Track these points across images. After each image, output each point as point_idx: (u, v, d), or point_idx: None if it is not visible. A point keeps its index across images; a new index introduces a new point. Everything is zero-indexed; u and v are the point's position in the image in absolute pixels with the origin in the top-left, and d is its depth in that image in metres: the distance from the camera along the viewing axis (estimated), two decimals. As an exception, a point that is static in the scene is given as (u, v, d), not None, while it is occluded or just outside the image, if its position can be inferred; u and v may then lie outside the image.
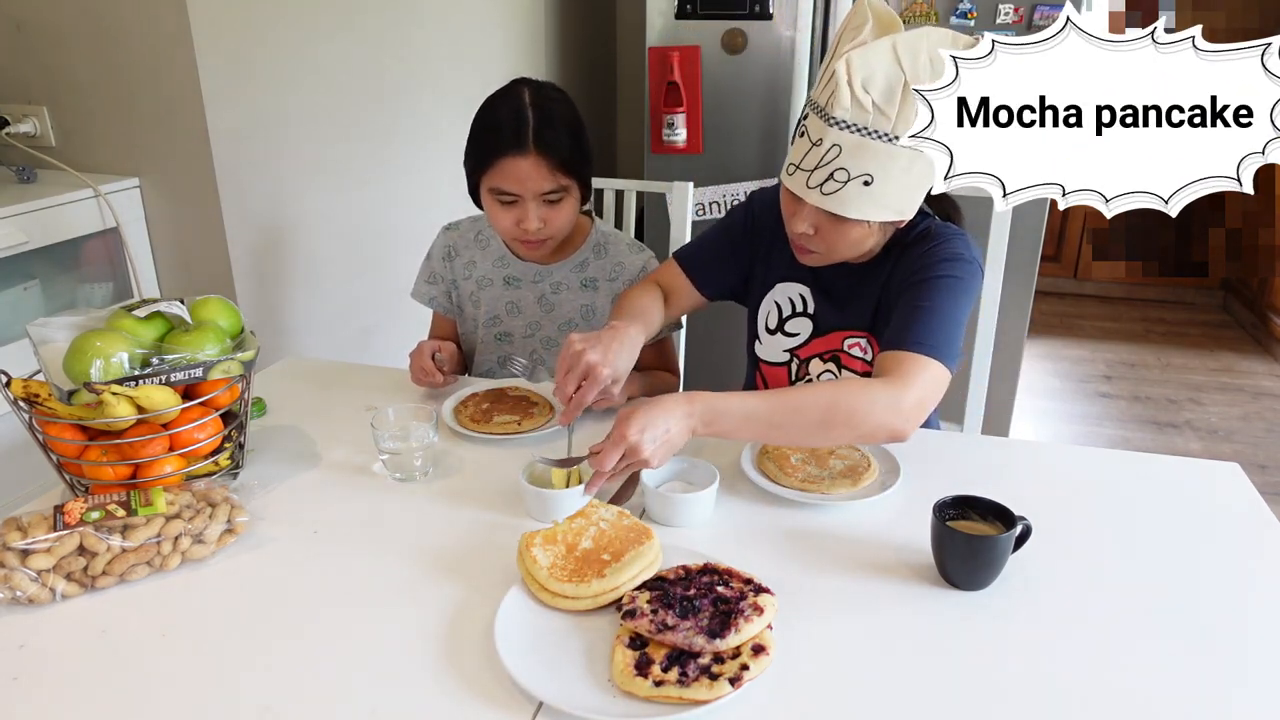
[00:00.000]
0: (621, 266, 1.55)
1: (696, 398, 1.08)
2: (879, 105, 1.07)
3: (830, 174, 1.12)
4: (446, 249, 1.61)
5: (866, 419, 1.08)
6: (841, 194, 1.12)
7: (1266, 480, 2.82)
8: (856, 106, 1.07)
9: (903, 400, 1.09)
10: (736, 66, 2.54)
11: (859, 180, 1.11)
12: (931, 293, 1.19)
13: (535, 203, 1.40)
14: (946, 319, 1.17)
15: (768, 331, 1.44)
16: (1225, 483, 1.20)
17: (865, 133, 1.08)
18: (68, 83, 1.83)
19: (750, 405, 1.09)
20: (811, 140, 1.13)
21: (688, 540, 1.04)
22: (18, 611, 0.93)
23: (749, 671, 0.80)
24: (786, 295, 1.41)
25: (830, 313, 1.38)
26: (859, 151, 1.09)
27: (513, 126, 1.36)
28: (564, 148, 1.38)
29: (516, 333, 1.59)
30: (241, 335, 1.18)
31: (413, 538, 1.06)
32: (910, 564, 1.01)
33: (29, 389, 1.08)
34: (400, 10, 2.30)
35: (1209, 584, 0.99)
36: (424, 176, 2.49)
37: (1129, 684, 0.84)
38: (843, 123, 1.08)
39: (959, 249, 1.24)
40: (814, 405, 1.09)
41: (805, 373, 1.42)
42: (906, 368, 1.12)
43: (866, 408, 1.08)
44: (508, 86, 1.43)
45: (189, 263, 1.92)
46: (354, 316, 2.28)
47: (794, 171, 1.16)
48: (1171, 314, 4.30)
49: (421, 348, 1.43)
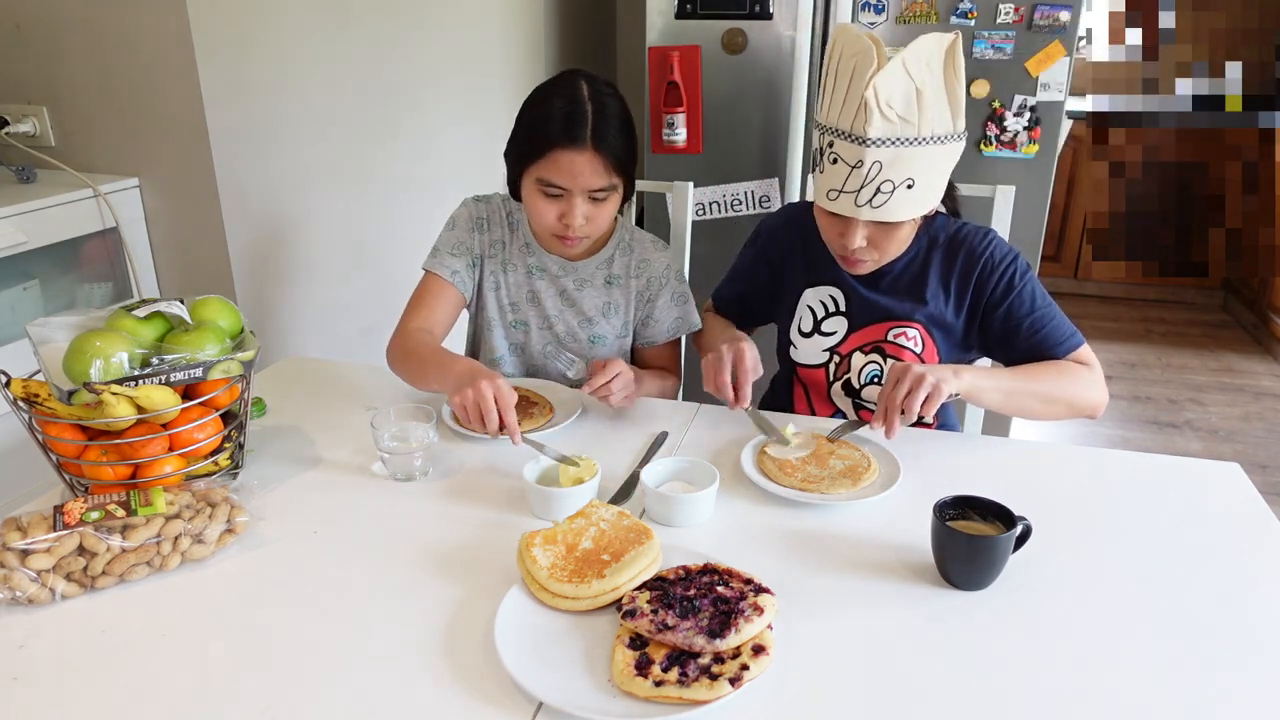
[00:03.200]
0: (646, 263, 1.54)
1: (963, 371, 1.23)
2: (903, 116, 1.18)
3: (877, 188, 1.22)
4: (477, 219, 1.52)
5: (1083, 397, 1.30)
6: (890, 203, 1.23)
7: (1266, 480, 2.82)
8: (886, 123, 1.18)
9: (1101, 380, 1.33)
10: (736, 66, 2.54)
11: (903, 186, 1.22)
12: (1031, 302, 1.36)
13: (582, 198, 1.37)
14: (1055, 310, 1.37)
15: (803, 335, 1.48)
16: (1225, 483, 1.20)
17: (899, 143, 1.19)
18: (67, 83, 1.83)
19: (996, 383, 1.27)
20: (849, 164, 1.22)
21: (688, 540, 1.04)
22: (18, 611, 0.93)
23: (749, 671, 0.80)
24: (818, 299, 1.46)
25: (866, 307, 1.43)
26: (897, 161, 1.20)
27: (569, 119, 1.33)
28: (619, 146, 1.36)
29: (533, 322, 1.55)
30: (241, 335, 1.18)
31: (413, 538, 1.06)
32: (910, 564, 1.01)
33: (29, 389, 1.08)
34: (400, 10, 2.30)
35: (1209, 584, 0.99)
36: (424, 176, 2.49)
37: (1129, 684, 0.84)
38: (878, 141, 1.19)
39: (1005, 248, 1.38)
40: (1042, 386, 1.30)
41: (846, 367, 1.45)
42: (1082, 359, 1.34)
43: (1083, 389, 1.30)
44: (562, 76, 1.39)
45: (189, 263, 1.92)
46: (354, 316, 2.28)
47: (837, 197, 1.25)
48: (1171, 314, 4.30)
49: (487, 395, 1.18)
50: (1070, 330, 1.36)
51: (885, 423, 1.17)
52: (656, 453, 1.25)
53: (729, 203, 2.64)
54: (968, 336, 1.41)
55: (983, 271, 1.36)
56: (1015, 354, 1.37)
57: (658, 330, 1.56)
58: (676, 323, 1.56)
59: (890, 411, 1.16)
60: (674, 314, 1.56)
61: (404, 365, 1.40)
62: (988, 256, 1.36)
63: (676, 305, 1.56)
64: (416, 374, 1.38)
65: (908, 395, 1.15)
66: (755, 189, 2.62)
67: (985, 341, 1.41)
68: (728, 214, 2.65)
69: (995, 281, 1.36)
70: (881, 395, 1.19)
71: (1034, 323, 1.35)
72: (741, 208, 2.64)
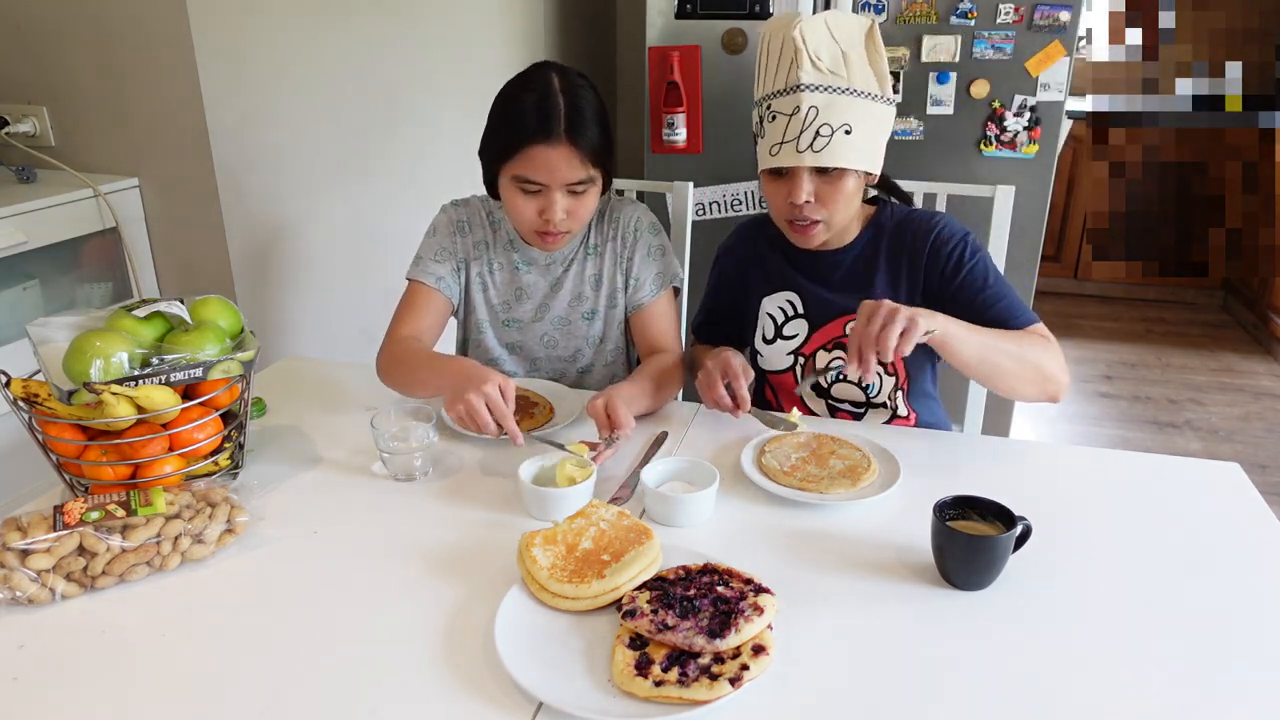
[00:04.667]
0: (617, 221, 1.52)
1: (937, 315, 1.17)
2: (832, 70, 1.25)
3: (816, 131, 1.26)
4: (457, 223, 1.52)
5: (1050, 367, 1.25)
6: (830, 146, 1.26)
7: (1266, 480, 2.82)
8: (817, 71, 1.25)
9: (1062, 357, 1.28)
10: (736, 66, 2.54)
11: (841, 130, 1.26)
12: (983, 279, 1.34)
13: (561, 193, 1.35)
14: (1009, 287, 1.35)
15: (766, 342, 1.48)
16: (1225, 483, 1.20)
17: (831, 90, 1.26)
18: (67, 83, 1.83)
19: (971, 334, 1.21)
20: (786, 114, 1.27)
21: (688, 540, 1.04)
22: (18, 611, 0.93)
23: (749, 671, 0.80)
24: (776, 305, 1.47)
25: (823, 305, 1.42)
26: (833, 106, 1.26)
27: (542, 114, 1.31)
28: (594, 137, 1.34)
29: (525, 318, 1.54)
30: (241, 335, 1.18)
31: (413, 538, 1.06)
32: (910, 564, 1.01)
33: (29, 389, 1.08)
34: (400, 10, 2.30)
35: (1209, 584, 0.99)
36: (424, 176, 2.49)
37: (1129, 684, 0.84)
38: (811, 85, 1.25)
39: (955, 226, 1.38)
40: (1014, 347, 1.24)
41: (812, 366, 1.45)
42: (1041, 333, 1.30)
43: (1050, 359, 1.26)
44: (532, 70, 1.37)
45: (189, 263, 1.92)
46: (354, 316, 2.28)
47: (778, 150, 1.29)
48: (1171, 314, 4.30)
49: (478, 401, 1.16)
50: (1024, 307, 1.33)
51: (860, 361, 1.12)
52: (656, 453, 1.26)
53: (729, 203, 2.64)
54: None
55: (931, 249, 1.36)
56: None
57: (642, 291, 1.52)
58: (658, 278, 1.52)
59: (865, 348, 1.11)
60: (653, 269, 1.52)
61: (394, 374, 1.39)
62: (935, 235, 1.36)
63: (655, 259, 1.52)
64: (408, 381, 1.37)
65: (882, 330, 1.09)
66: (755, 189, 2.61)
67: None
68: (728, 214, 2.65)
69: (944, 259, 1.35)
70: (854, 332, 1.13)
71: (987, 299, 1.32)
72: (741, 208, 2.64)
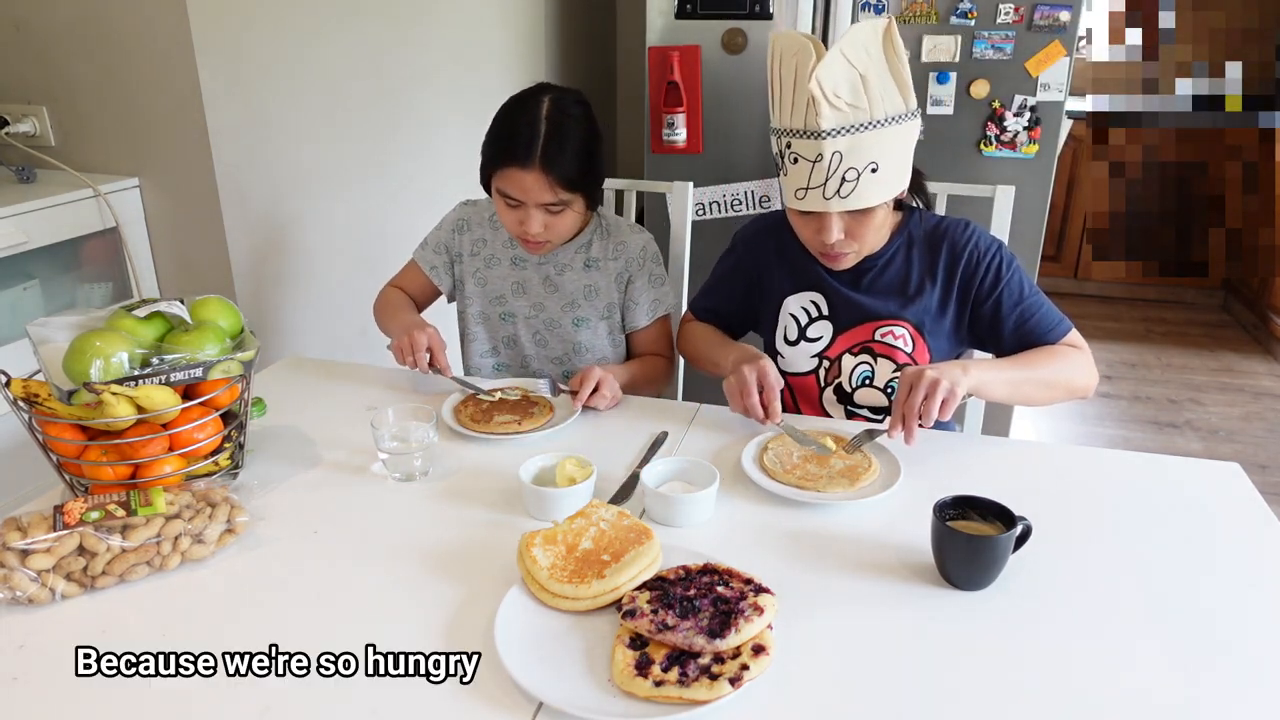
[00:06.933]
0: (624, 245, 1.59)
1: (970, 367, 1.23)
2: (852, 104, 1.21)
3: (842, 178, 1.23)
4: (460, 221, 1.63)
5: (1079, 379, 1.33)
6: (858, 190, 1.24)
7: (1266, 480, 2.82)
8: (836, 113, 1.21)
9: (1091, 361, 1.35)
10: (736, 66, 2.53)
11: (867, 171, 1.24)
12: (1020, 291, 1.37)
13: (538, 210, 1.43)
14: (1042, 298, 1.39)
15: (789, 344, 1.47)
16: (1225, 483, 1.20)
17: (853, 130, 1.22)
18: (67, 83, 1.83)
19: (1000, 374, 1.29)
20: (810, 160, 1.24)
21: (688, 540, 1.04)
22: (18, 611, 0.93)
23: (749, 671, 0.80)
24: (800, 305, 1.46)
25: (850, 308, 1.42)
26: (856, 148, 1.22)
27: (524, 139, 1.38)
28: (568, 167, 1.39)
29: (520, 313, 1.61)
30: (241, 335, 1.18)
31: (413, 538, 1.06)
32: (910, 564, 1.01)
33: (29, 389, 1.08)
34: (401, 10, 2.30)
35: (1209, 584, 0.99)
36: (424, 176, 2.49)
37: (1129, 683, 0.84)
38: (832, 131, 1.21)
39: (989, 239, 1.40)
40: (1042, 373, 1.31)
41: (837, 371, 1.44)
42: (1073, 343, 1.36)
43: (1078, 372, 1.33)
44: (530, 92, 1.44)
45: (189, 263, 1.92)
46: (354, 316, 2.28)
47: (804, 195, 1.27)
48: (1171, 314, 4.30)
49: (419, 338, 1.40)
50: (1059, 316, 1.37)
51: (905, 429, 1.18)
52: (656, 453, 1.26)
53: (729, 203, 2.64)
54: (957, 330, 1.41)
55: (969, 264, 1.37)
56: (1006, 343, 1.37)
57: (637, 314, 1.60)
58: (653, 305, 1.61)
59: (909, 418, 1.17)
60: (650, 296, 1.60)
61: (379, 314, 1.63)
62: (972, 248, 1.37)
63: (653, 287, 1.60)
64: (382, 319, 1.60)
65: (925, 400, 1.16)
66: (755, 189, 2.61)
67: (975, 333, 1.41)
68: (728, 214, 2.65)
69: (983, 273, 1.37)
70: (896, 402, 1.19)
71: (1024, 311, 1.36)
72: (741, 208, 2.64)
